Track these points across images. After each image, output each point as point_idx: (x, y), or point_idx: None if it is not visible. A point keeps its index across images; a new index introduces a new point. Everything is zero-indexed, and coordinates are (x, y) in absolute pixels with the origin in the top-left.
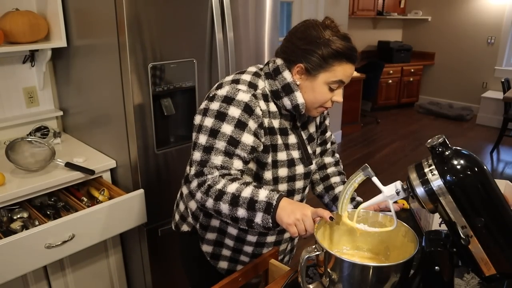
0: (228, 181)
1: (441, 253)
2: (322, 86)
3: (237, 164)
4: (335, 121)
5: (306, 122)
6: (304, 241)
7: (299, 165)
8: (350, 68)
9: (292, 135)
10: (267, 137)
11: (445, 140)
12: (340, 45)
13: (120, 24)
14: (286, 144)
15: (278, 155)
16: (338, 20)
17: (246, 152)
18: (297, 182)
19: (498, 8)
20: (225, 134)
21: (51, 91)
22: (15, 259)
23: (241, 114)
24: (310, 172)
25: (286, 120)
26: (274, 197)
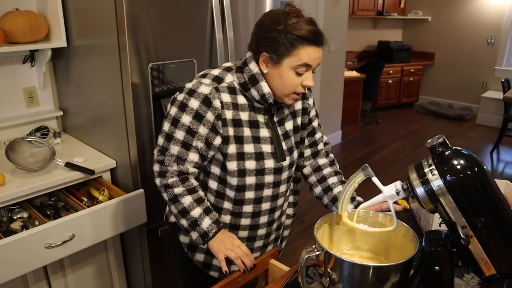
0: (185, 190)
1: (441, 253)
2: (288, 71)
3: (192, 156)
4: (335, 121)
5: (283, 118)
6: (304, 241)
7: (268, 159)
8: (314, 50)
9: (265, 129)
10: (229, 128)
11: (445, 140)
12: (301, 29)
13: (120, 24)
14: (256, 137)
15: (245, 147)
16: (338, 20)
17: (202, 142)
18: (267, 176)
19: (498, 8)
20: (184, 124)
21: (51, 91)
22: (15, 259)
23: (199, 106)
24: (282, 168)
25: (259, 113)
26: (212, 230)
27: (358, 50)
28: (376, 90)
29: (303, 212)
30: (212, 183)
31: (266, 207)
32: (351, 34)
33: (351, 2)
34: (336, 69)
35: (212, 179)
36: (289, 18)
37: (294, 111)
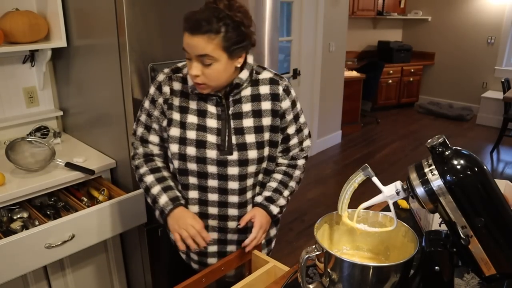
0: (148, 170)
1: (441, 253)
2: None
3: (152, 138)
4: (335, 121)
5: (241, 113)
6: (304, 241)
7: (211, 149)
8: (187, 37)
9: (214, 120)
10: (174, 113)
11: (445, 140)
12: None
13: (120, 24)
14: (202, 125)
15: (187, 133)
16: (338, 20)
17: (158, 124)
18: (209, 166)
19: (498, 8)
20: (145, 108)
21: (51, 91)
22: (15, 259)
23: (154, 92)
24: (227, 161)
25: (211, 104)
26: (168, 207)
27: (358, 50)
28: (376, 90)
29: (303, 212)
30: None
31: (214, 199)
32: (351, 34)
33: (351, 2)
34: (336, 69)
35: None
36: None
37: (261, 110)
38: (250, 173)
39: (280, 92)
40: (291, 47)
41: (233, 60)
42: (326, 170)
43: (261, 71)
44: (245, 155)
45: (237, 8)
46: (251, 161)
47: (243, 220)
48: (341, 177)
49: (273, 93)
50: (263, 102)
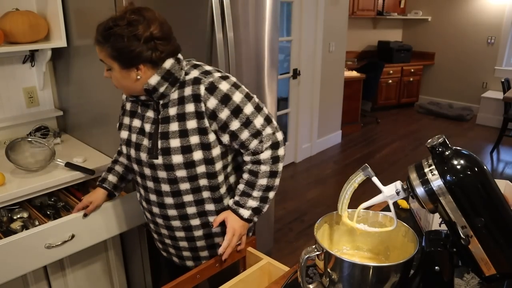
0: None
1: (441, 253)
2: None
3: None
4: (335, 121)
5: (168, 118)
6: (304, 241)
7: (143, 152)
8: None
9: (149, 124)
10: (125, 117)
11: (445, 140)
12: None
13: None
14: (142, 129)
15: (132, 136)
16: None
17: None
18: (144, 168)
19: (498, 8)
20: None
21: (51, 91)
22: (15, 259)
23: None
24: (155, 165)
25: (150, 109)
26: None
27: (358, 50)
28: (376, 90)
29: (303, 212)
30: None
31: (153, 199)
32: (351, 34)
33: (351, 2)
34: (336, 69)
35: None
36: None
37: (184, 114)
38: (181, 177)
39: (202, 92)
40: (291, 47)
41: (129, 70)
42: (326, 170)
43: (191, 71)
44: (169, 160)
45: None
46: (176, 166)
47: (215, 221)
48: (341, 177)
49: (195, 94)
50: (187, 104)
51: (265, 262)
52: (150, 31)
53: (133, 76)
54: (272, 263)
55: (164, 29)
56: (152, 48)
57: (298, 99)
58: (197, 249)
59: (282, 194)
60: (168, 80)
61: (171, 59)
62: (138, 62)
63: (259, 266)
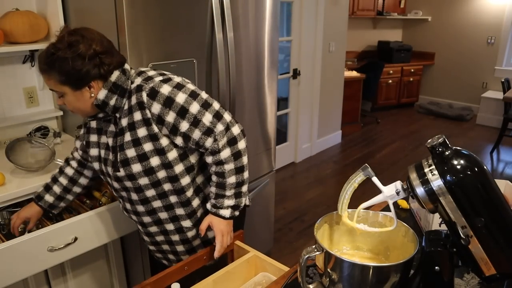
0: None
1: (441, 253)
2: None
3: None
4: (335, 121)
5: (123, 129)
6: (304, 241)
7: (109, 166)
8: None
9: (111, 139)
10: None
11: (445, 140)
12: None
13: (120, 24)
14: (102, 143)
15: (101, 152)
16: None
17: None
18: (112, 181)
19: (498, 8)
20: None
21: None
22: (17, 263)
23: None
24: (118, 176)
25: (111, 123)
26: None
27: (358, 50)
28: (376, 90)
29: (303, 212)
30: None
31: (129, 207)
32: (351, 34)
33: (351, 2)
34: (336, 69)
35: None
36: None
37: (134, 123)
38: (145, 184)
39: (144, 99)
40: (291, 47)
41: (82, 91)
42: (326, 170)
43: (135, 79)
44: (129, 170)
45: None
46: (137, 175)
47: (201, 229)
48: (341, 177)
49: (139, 101)
50: (134, 113)
51: (251, 254)
52: (92, 48)
53: (87, 96)
54: (259, 255)
55: (105, 43)
56: (98, 64)
57: (298, 99)
58: (178, 253)
59: (282, 194)
60: (116, 92)
61: (116, 71)
62: (89, 80)
63: (246, 258)
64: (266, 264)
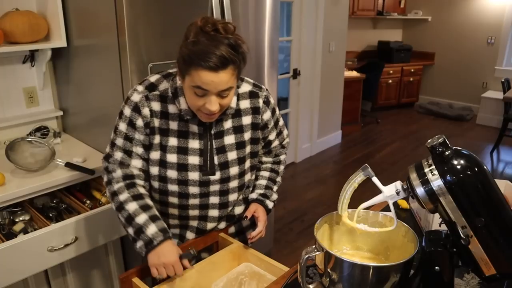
0: (130, 197)
1: (441, 253)
2: (188, 90)
3: (135, 163)
4: (335, 121)
5: (223, 132)
6: (304, 241)
7: (193, 172)
8: (206, 75)
9: (196, 141)
10: (156, 136)
11: (445, 140)
12: (196, 49)
13: (120, 24)
14: (183, 148)
15: (167, 157)
16: (338, 20)
17: (141, 147)
18: (191, 187)
19: (498, 8)
20: (121, 131)
21: (51, 91)
22: (17, 262)
23: (131, 113)
24: (210, 181)
25: (193, 123)
26: (158, 238)
27: (358, 50)
28: (376, 90)
29: (303, 212)
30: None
31: (195, 214)
32: (351, 34)
33: (351, 2)
34: (336, 69)
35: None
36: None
37: (242, 126)
38: (232, 188)
39: (261, 105)
40: (291, 47)
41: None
42: (326, 170)
43: (240, 84)
44: (227, 173)
45: (234, 30)
46: (232, 177)
47: (249, 212)
48: (341, 177)
49: (254, 107)
50: (244, 117)
51: (235, 245)
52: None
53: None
54: (242, 246)
55: None
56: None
57: (298, 99)
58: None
59: (282, 194)
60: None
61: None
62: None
63: (229, 249)
64: (249, 255)
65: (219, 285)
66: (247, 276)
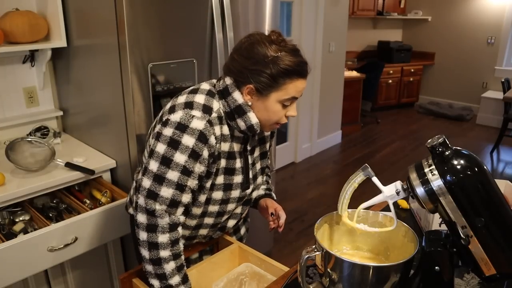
0: (171, 255)
1: (441, 253)
2: (275, 105)
3: (185, 198)
4: (335, 121)
5: (254, 146)
6: (304, 241)
7: (236, 190)
8: (302, 83)
9: (238, 159)
10: (219, 161)
11: (445, 140)
12: (289, 62)
13: (120, 24)
14: (230, 168)
15: (217, 179)
16: (338, 20)
17: (196, 180)
18: (230, 204)
19: (498, 8)
20: (179, 164)
21: (51, 91)
22: (17, 263)
23: (195, 144)
24: (245, 196)
25: (237, 142)
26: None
27: (358, 50)
28: (376, 90)
29: (303, 212)
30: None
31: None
32: (351, 34)
33: (351, 2)
34: (336, 69)
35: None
36: (275, 47)
37: (264, 137)
38: (250, 197)
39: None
40: None
41: None
42: (326, 170)
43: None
44: (255, 184)
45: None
46: (257, 187)
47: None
48: (341, 177)
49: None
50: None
51: (235, 246)
52: None
53: None
54: (242, 246)
55: None
56: None
57: (298, 99)
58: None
59: (282, 194)
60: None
61: None
62: None
63: (229, 249)
64: (249, 255)
65: (219, 285)
66: (247, 276)
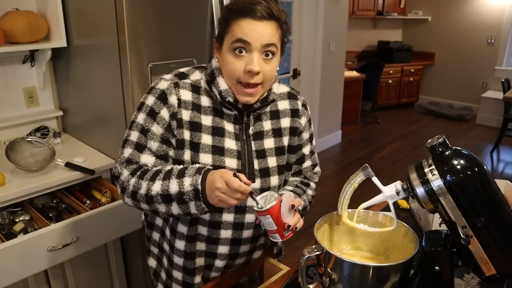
0: (149, 181)
1: (441, 253)
2: (227, 54)
3: (145, 159)
4: (335, 121)
5: (262, 132)
6: (304, 241)
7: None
8: (249, 23)
9: (232, 141)
10: (184, 131)
11: (445, 140)
12: (237, 2)
13: (120, 24)
14: (219, 147)
15: (200, 157)
16: (338, 20)
17: (157, 142)
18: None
19: (498, 8)
20: (138, 123)
21: (51, 91)
22: (17, 263)
23: (153, 102)
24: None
25: (228, 121)
26: (198, 181)
27: (358, 50)
28: (376, 90)
29: None
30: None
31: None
32: (351, 34)
33: (351, 2)
34: (336, 69)
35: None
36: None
37: (280, 129)
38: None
39: (300, 107)
40: (291, 47)
41: (279, 59)
42: (326, 170)
43: (277, 86)
44: (267, 183)
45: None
46: (272, 189)
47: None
48: (341, 177)
49: (293, 108)
50: (282, 119)
51: (285, 271)
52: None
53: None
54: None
55: None
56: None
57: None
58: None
59: None
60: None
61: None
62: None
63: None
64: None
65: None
66: None
